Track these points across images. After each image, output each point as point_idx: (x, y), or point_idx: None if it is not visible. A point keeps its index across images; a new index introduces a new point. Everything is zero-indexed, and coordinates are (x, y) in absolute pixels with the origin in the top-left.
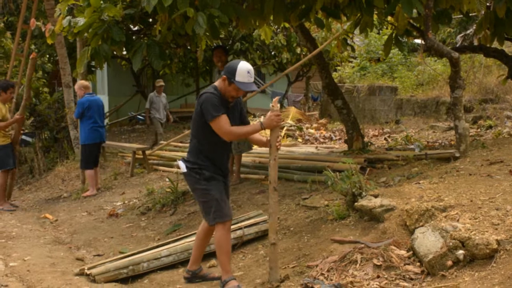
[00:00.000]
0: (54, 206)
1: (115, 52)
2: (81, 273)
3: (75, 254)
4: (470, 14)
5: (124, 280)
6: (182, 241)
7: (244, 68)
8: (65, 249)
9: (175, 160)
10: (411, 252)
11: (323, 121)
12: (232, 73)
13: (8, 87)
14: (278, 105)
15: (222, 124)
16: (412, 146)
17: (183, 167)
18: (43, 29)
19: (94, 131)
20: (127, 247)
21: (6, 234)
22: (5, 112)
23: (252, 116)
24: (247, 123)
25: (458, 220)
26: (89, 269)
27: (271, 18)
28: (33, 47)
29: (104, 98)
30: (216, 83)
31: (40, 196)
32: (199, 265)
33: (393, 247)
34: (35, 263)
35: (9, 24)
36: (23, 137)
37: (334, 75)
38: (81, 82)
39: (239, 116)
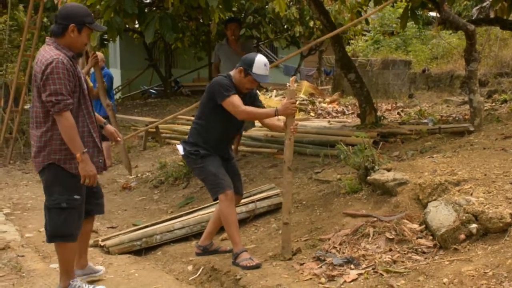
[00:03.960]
0: None
1: (127, 25)
2: (96, 245)
3: None
4: None
5: (137, 252)
6: (195, 214)
7: (261, 61)
8: None
9: (188, 134)
10: (423, 226)
11: (334, 96)
12: (249, 64)
13: None
14: (295, 85)
15: (236, 103)
16: (425, 121)
17: (181, 150)
18: (55, 2)
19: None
20: (141, 220)
21: (22, 206)
22: None
23: (264, 90)
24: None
25: (471, 194)
26: (103, 240)
27: None
28: (45, 19)
29: (116, 72)
30: (231, 73)
31: None
32: (211, 240)
33: (405, 220)
34: None
35: None
36: None
37: (347, 48)
38: (101, 55)
39: (251, 104)
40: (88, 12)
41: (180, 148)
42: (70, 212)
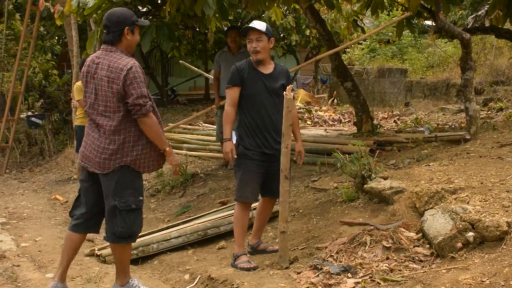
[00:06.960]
0: (65, 187)
1: None
2: (92, 254)
3: None
4: None
5: (134, 261)
6: (192, 223)
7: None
8: None
9: (184, 142)
10: (420, 234)
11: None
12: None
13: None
14: (292, 93)
15: (227, 96)
16: (421, 129)
17: (234, 139)
18: (52, 10)
19: None
20: None
21: (18, 215)
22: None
23: None
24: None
25: (468, 202)
26: (99, 250)
27: None
28: (42, 28)
29: None
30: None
31: (51, 178)
32: (258, 239)
33: (402, 229)
34: (46, 244)
35: (18, 5)
36: (33, 119)
37: (344, 57)
38: None
39: (281, 87)
40: (131, 12)
41: (234, 136)
42: (138, 213)
